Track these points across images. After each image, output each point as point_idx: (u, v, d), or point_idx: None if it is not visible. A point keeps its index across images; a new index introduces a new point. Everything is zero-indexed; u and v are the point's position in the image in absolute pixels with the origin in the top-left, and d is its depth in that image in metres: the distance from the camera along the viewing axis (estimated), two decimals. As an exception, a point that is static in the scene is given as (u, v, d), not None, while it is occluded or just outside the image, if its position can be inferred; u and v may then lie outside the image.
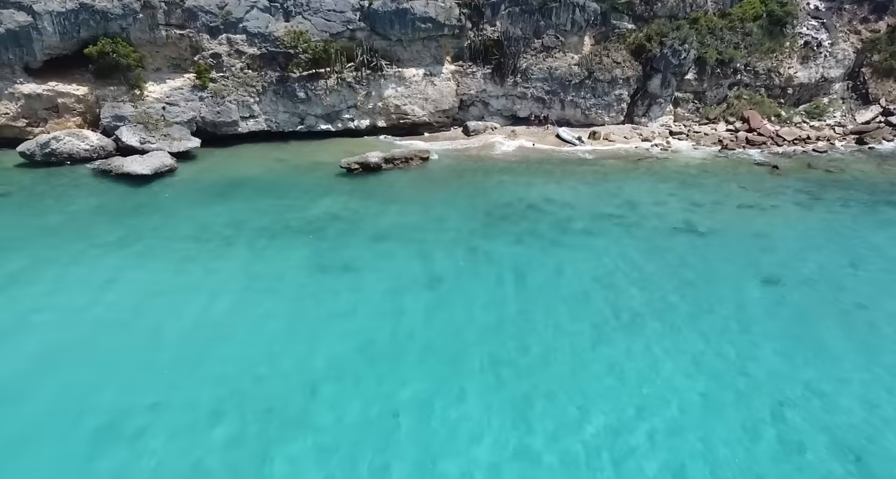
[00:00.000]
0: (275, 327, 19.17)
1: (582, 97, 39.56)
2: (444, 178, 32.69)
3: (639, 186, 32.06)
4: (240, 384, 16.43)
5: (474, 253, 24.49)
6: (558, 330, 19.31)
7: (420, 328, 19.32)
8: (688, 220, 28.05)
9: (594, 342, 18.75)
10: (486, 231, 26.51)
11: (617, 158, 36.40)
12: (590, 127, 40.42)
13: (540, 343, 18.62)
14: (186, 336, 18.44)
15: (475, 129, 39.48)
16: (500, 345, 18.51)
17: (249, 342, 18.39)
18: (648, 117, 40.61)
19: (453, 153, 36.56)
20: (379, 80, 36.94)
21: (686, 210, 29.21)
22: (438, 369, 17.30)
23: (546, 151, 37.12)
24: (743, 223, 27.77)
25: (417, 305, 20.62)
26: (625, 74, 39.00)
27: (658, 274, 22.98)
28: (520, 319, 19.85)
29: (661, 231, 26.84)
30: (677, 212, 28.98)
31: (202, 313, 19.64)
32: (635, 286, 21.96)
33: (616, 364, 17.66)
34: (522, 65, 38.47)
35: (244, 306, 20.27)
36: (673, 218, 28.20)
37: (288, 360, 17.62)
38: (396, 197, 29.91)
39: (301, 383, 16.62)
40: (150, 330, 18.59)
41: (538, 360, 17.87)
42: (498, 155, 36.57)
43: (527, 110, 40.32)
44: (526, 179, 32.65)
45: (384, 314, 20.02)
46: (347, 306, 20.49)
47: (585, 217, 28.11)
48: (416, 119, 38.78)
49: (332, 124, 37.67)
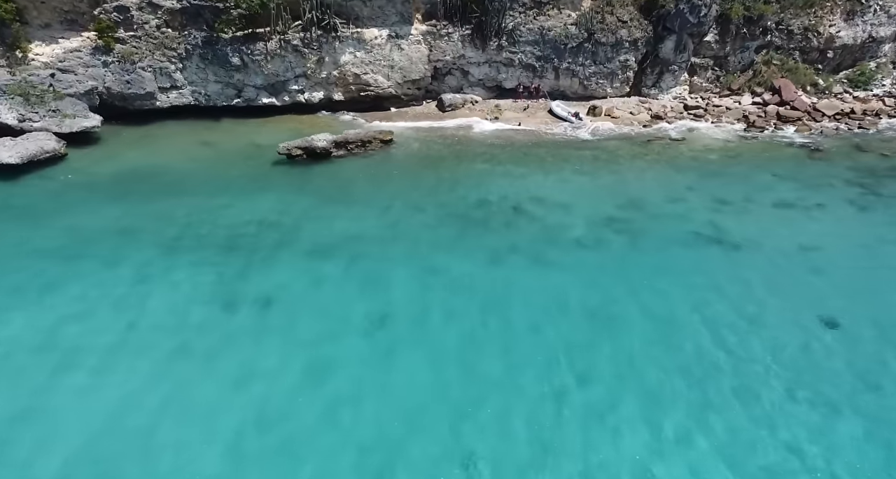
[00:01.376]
0: (145, 409, 13.35)
1: (580, 64, 32.93)
2: (408, 167, 26.41)
3: (649, 178, 25.95)
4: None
5: (437, 277, 18.57)
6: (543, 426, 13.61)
7: (351, 412, 13.55)
8: (713, 223, 22.09)
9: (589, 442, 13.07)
10: (455, 243, 20.51)
11: (622, 139, 30.12)
12: (589, 100, 33.94)
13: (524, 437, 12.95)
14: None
15: (452, 103, 32.93)
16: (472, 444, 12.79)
17: (97, 440, 12.58)
18: (659, 88, 34.14)
19: (423, 134, 30.14)
20: (333, 43, 30.12)
21: (709, 210, 23.21)
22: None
23: (536, 131, 30.74)
24: (784, 230, 21.81)
25: (350, 369, 14.76)
26: (632, 36, 32.31)
27: (680, 311, 17.19)
28: (497, 397, 14.09)
29: (679, 241, 20.92)
30: (698, 212, 23.00)
31: (33, 396, 13.70)
32: (651, 336, 16.17)
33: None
34: (508, 24, 31.69)
35: (106, 374, 14.33)
36: (693, 221, 22.24)
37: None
38: (346, 194, 23.70)
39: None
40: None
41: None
42: (478, 136, 30.19)
43: (514, 80, 33.69)
44: (510, 168, 26.42)
45: (302, 387, 14.18)
46: (253, 370, 14.61)
47: (582, 222, 22.07)
48: (379, 91, 32.15)
49: (278, 97, 30.98)
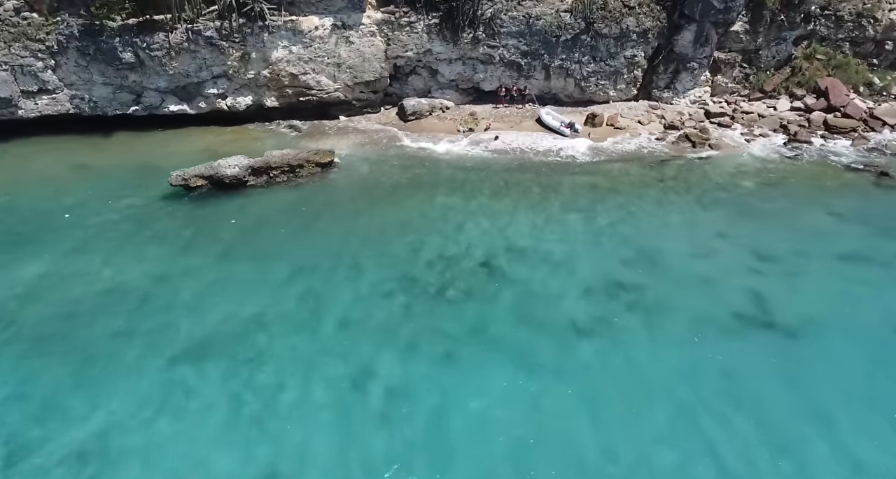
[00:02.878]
0: None
1: (576, 61, 26.39)
2: (348, 203, 19.97)
3: (665, 216, 19.56)
4: None
5: (367, 395, 12.34)
6: None
7: None
8: (756, 293, 15.77)
9: None
10: (400, 328, 14.25)
11: (628, 159, 23.63)
12: (587, 106, 27.40)
13: None
14: None
15: (416, 110, 26.43)
16: None
17: None
18: (674, 91, 27.60)
19: (376, 152, 23.68)
20: (260, 34, 23.62)
21: (749, 269, 16.84)
22: None
23: (520, 148, 24.22)
24: (860, 302, 15.44)
25: None
26: (640, 26, 25.76)
27: (723, 455, 10.97)
28: None
29: (711, 324, 14.63)
30: (734, 273, 16.64)
31: None
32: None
33: None
34: (486, 11, 25.17)
35: None
36: (729, 289, 15.92)
37: None
38: (254, 247, 17.36)
39: None
40: None
41: None
42: (446, 155, 23.71)
43: (494, 81, 27.18)
44: (483, 204, 20.00)
45: None
46: None
47: (578, 290, 15.76)
48: (324, 96, 25.67)
49: (191, 104, 24.52)
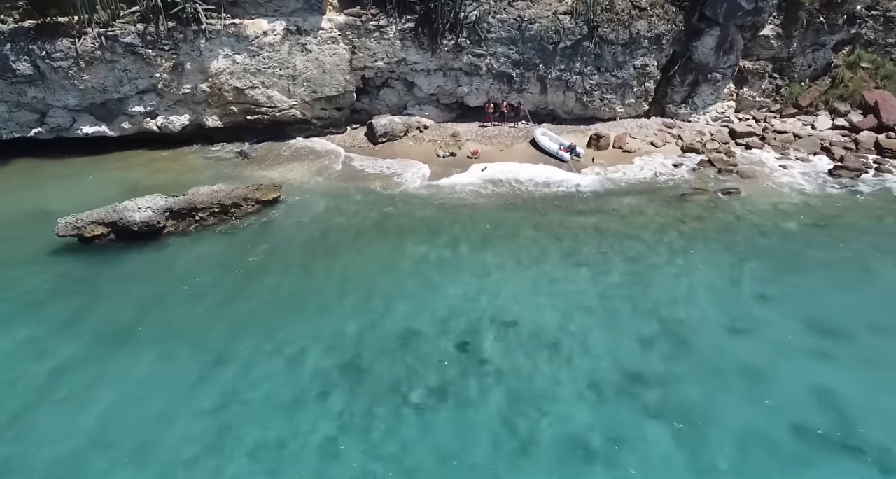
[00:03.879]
0: None
1: (577, 72, 22.31)
2: (294, 256, 15.71)
3: (692, 273, 15.39)
4: None
5: None
6: None
7: None
8: (825, 394, 11.55)
9: None
10: (334, 447, 10.05)
11: (641, 192, 19.48)
12: (590, 124, 23.35)
13: None
14: None
15: (388, 131, 22.30)
16: None
17: None
18: (692, 106, 23.50)
19: (336, 185, 19.49)
20: (196, 40, 19.48)
21: (810, 353, 12.64)
22: None
23: (510, 178, 20.08)
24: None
25: None
26: (653, 30, 21.71)
27: None
28: None
29: (766, 447, 10.47)
30: (790, 359, 12.42)
31: None
32: None
33: None
34: (470, 14, 21.09)
35: None
36: (786, 387, 11.72)
37: None
38: (160, 325, 13.12)
39: None
40: None
41: None
42: (421, 188, 19.58)
43: (481, 96, 23.09)
44: (462, 255, 15.84)
45: None
46: None
47: (582, 388, 11.58)
48: (277, 114, 21.53)
49: (111, 124, 20.35)
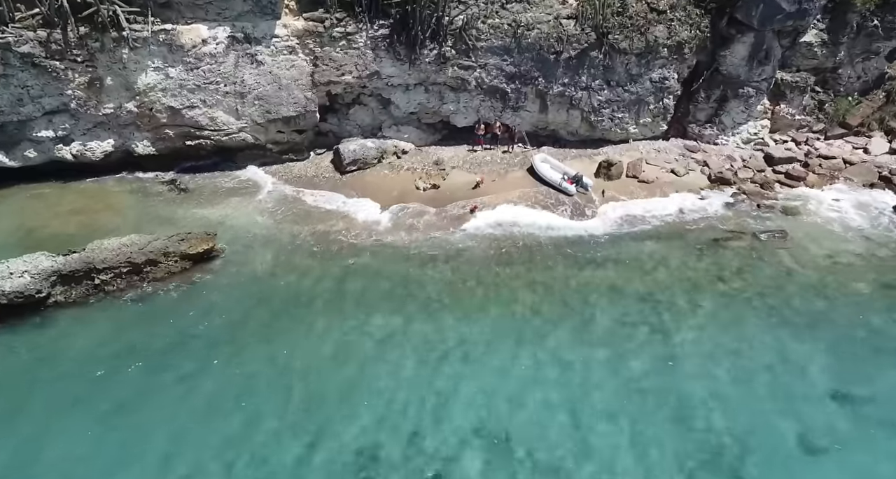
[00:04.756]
0: None
1: (584, 87, 18.71)
2: (220, 332, 11.71)
3: (739, 356, 11.49)
4: None
5: None
6: None
7: None
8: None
9: None
10: None
11: (663, 235, 15.56)
12: (598, 148, 19.68)
13: None
14: None
15: (358, 157, 18.55)
16: None
17: None
18: (720, 126, 19.86)
19: (288, 229, 15.49)
20: (117, 50, 15.82)
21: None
22: None
23: (504, 220, 16.18)
24: None
25: None
26: (674, 37, 18.21)
27: None
28: None
29: None
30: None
31: None
32: None
33: None
34: (456, 19, 17.58)
35: None
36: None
37: None
38: (20, 452, 9.13)
39: None
40: None
41: None
42: (389, 234, 15.64)
43: (470, 115, 19.45)
44: (443, 330, 11.90)
45: None
46: None
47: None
48: (223, 138, 17.78)
49: (10, 153, 16.43)
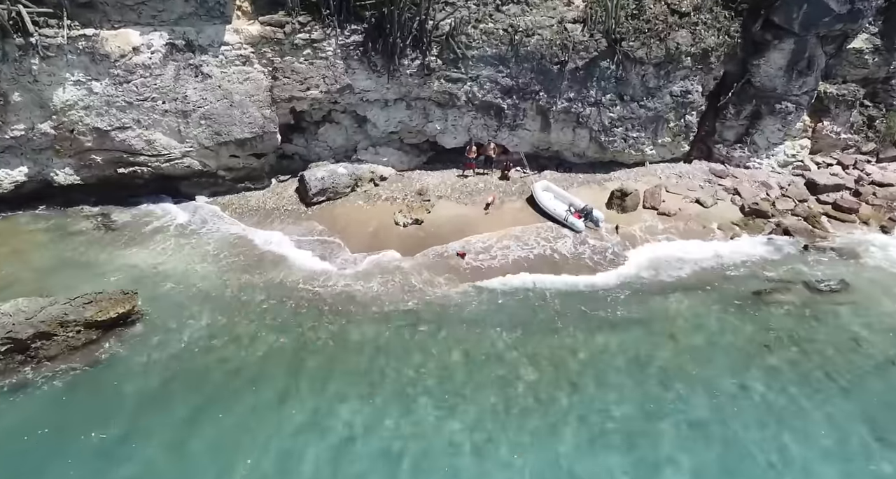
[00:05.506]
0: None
1: (593, 103, 15.87)
2: (125, 435, 8.95)
3: (808, 471, 8.68)
4: None
5: None
6: None
7: None
8: None
9: None
10: None
11: (693, 285, 12.72)
12: (609, 173, 16.89)
13: None
14: None
15: (327, 187, 15.68)
16: None
17: None
18: (751, 147, 17.04)
19: (232, 283, 12.61)
20: (25, 59, 12.95)
21: None
22: None
23: (498, 265, 13.36)
24: None
25: None
26: (699, 44, 15.37)
27: None
28: None
29: None
30: None
31: None
32: None
33: None
34: (443, 23, 14.75)
35: None
36: None
37: None
38: None
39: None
40: None
41: None
42: (364, 286, 12.75)
43: (460, 134, 16.63)
44: (417, 420, 9.12)
45: None
46: None
47: None
48: (162, 164, 14.92)
49: None
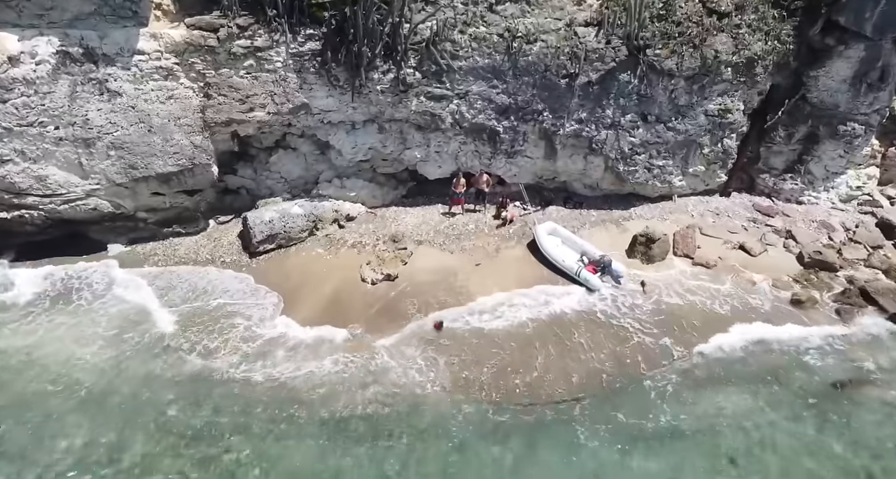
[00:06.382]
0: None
1: (609, 124, 12.71)
2: None
3: None
4: None
5: None
6: None
7: None
8: None
9: None
10: None
11: (749, 376, 9.59)
12: (628, 209, 13.76)
13: None
14: None
15: (276, 231, 12.47)
16: None
17: None
18: (806, 176, 13.90)
19: (129, 377, 9.33)
20: None
21: None
22: None
23: (498, 335, 10.22)
24: None
25: None
26: (741, 52, 12.23)
27: None
28: None
29: None
30: None
31: None
32: None
33: None
34: (421, 28, 11.56)
35: None
36: None
37: None
38: None
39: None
40: None
41: None
42: (306, 369, 9.65)
43: (445, 163, 13.43)
44: None
45: None
46: None
47: None
48: (59, 207, 11.68)
49: None
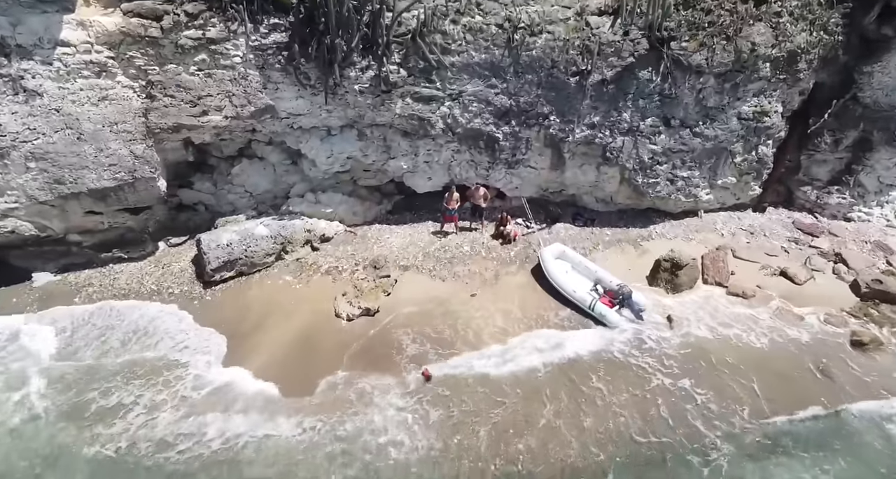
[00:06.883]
0: None
1: (626, 129, 10.83)
2: None
3: None
4: None
5: None
6: None
7: None
8: None
9: None
10: None
11: (811, 443, 7.66)
12: (648, 227, 11.89)
13: None
14: None
15: (235, 257, 10.49)
16: None
17: None
18: (856, 189, 12.02)
19: (39, 452, 7.34)
20: None
21: None
22: None
23: (498, 386, 8.20)
24: None
25: None
26: (782, 44, 10.38)
27: None
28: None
29: None
30: None
31: None
32: None
33: None
34: (406, 17, 9.62)
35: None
36: None
37: None
38: None
39: None
40: None
41: None
42: (265, 428, 7.66)
43: (436, 174, 11.51)
44: None
45: None
46: None
47: None
48: (-28, 237, 9.79)
49: None
